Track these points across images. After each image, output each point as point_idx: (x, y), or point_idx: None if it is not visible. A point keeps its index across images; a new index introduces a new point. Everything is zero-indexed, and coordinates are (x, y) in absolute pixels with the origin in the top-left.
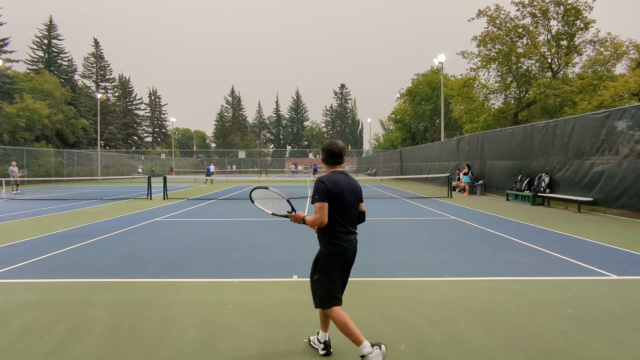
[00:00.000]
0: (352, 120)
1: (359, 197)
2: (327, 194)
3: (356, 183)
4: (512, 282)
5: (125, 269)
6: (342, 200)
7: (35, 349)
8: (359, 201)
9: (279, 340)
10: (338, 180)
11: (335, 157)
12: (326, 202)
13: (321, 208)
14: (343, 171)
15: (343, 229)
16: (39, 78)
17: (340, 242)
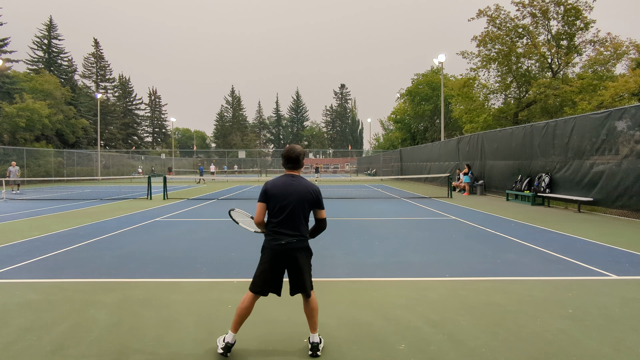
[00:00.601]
0: (352, 120)
1: (304, 202)
2: (264, 196)
3: (305, 188)
4: (512, 282)
5: (125, 269)
6: (276, 201)
7: (35, 349)
8: (307, 206)
9: (279, 340)
10: (279, 183)
11: (290, 162)
12: (261, 203)
13: (257, 207)
14: (295, 175)
15: (274, 229)
16: (39, 78)
17: (269, 239)
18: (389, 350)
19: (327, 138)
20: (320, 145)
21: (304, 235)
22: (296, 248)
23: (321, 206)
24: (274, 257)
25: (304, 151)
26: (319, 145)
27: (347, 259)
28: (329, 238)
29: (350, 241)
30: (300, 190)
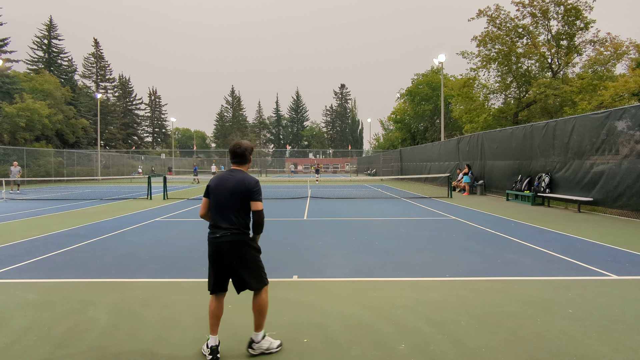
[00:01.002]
0: (352, 120)
1: (235, 194)
2: (206, 190)
3: (238, 180)
4: (512, 282)
5: (125, 269)
6: (214, 196)
7: (35, 349)
8: (239, 198)
9: (279, 340)
10: (219, 178)
11: (236, 157)
12: (204, 198)
13: (202, 202)
14: (235, 170)
15: (212, 223)
16: (39, 78)
17: (209, 233)
18: (389, 350)
19: (327, 138)
20: (320, 145)
21: (239, 228)
22: (230, 241)
23: (254, 198)
24: (212, 251)
25: (251, 147)
26: (319, 145)
27: (347, 259)
28: (329, 238)
29: (350, 241)
30: (233, 184)
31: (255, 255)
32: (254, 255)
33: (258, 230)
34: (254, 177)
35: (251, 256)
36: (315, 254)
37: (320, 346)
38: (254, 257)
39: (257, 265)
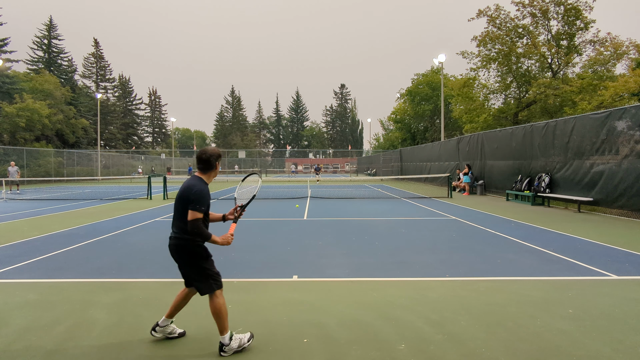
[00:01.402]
0: (352, 120)
1: (179, 200)
2: None
3: (184, 186)
4: (512, 282)
5: (125, 269)
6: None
7: (35, 349)
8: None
9: (279, 340)
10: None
11: (200, 163)
12: None
13: None
14: (195, 176)
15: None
16: (39, 78)
17: None
18: (389, 350)
19: (327, 138)
20: (320, 145)
21: (179, 233)
22: (172, 244)
23: (190, 206)
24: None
25: (217, 153)
26: (319, 145)
27: (347, 259)
28: (329, 238)
29: (350, 241)
30: (182, 189)
31: (195, 260)
32: (194, 260)
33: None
34: (199, 185)
35: (191, 261)
36: (315, 254)
37: (320, 346)
38: (194, 262)
39: (198, 270)
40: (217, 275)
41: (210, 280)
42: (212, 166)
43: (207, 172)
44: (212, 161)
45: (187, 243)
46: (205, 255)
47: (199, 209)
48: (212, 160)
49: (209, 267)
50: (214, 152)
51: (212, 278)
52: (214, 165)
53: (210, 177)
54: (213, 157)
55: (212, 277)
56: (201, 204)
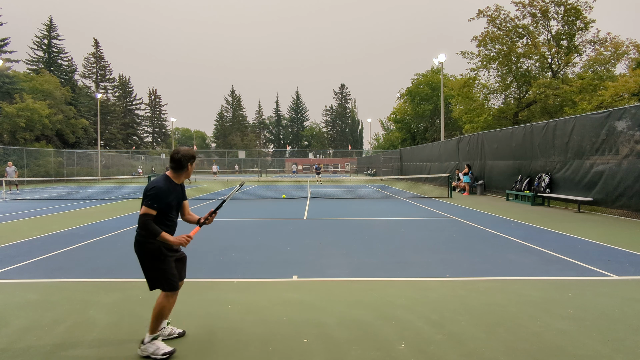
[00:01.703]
0: (352, 120)
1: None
2: None
3: (147, 185)
4: (512, 282)
5: (125, 269)
6: None
7: (35, 349)
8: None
9: (279, 340)
10: None
11: (172, 162)
12: None
13: None
14: (162, 175)
15: None
16: (39, 78)
17: None
18: (389, 350)
19: (327, 138)
20: (320, 145)
21: (138, 230)
22: (134, 241)
23: (143, 202)
24: None
25: (190, 154)
26: (319, 145)
27: (347, 259)
28: (329, 238)
29: (350, 241)
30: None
31: (145, 259)
32: (143, 259)
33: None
34: (160, 184)
35: (141, 258)
36: (315, 254)
37: (320, 346)
38: (142, 260)
39: (147, 268)
40: (172, 276)
41: (156, 278)
42: (183, 167)
43: (177, 172)
44: (183, 162)
45: (142, 240)
46: (161, 255)
47: (151, 206)
48: (184, 161)
49: (164, 268)
50: (186, 152)
51: (163, 278)
52: (185, 166)
53: (181, 177)
54: (185, 158)
55: (165, 277)
56: (154, 201)
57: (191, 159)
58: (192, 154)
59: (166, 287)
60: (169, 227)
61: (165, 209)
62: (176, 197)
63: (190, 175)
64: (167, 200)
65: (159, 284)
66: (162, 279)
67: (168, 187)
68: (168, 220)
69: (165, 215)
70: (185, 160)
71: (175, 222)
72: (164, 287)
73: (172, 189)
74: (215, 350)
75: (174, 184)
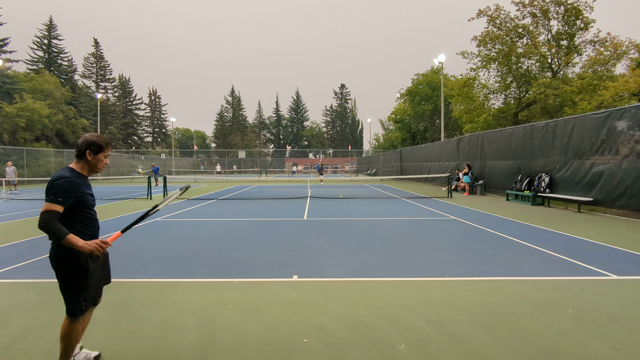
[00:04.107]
0: (352, 120)
1: None
2: None
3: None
4: (512, 282)
5: (125, 269)
6: None
7: (35, 349)
8: None
9: (279, 340)
10: None
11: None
12: None
13: None
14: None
15: None
16: (39, 78)
17: None
18: (389, 350)
19: (327, 138)
20: (320, 145)
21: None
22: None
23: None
24: None
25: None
26: (319, 145)
27: (347, 259)
28: (329, 238)
29: (350, 241)
30: None
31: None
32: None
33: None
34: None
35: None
36: (315, 254)
37: (320, 346)
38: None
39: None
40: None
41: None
42: (81, 155)
43: (79, 161)
44: (82, 149)
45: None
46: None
47: (54, 200)
48: (82, 148)
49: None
50: (88, 139)
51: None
52: (85, 155)
53: (84, 169)
54: (84, 145)
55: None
56: (59, 194)
57: (91, 146)
58: (96, 141)
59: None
60: (88, 227)
61: (76, 205)
62: (88, 189)
63: (97, 169)
64: (78, 194)
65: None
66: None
67: (76, 179)
68: (87, 220)
69: (78, 212)
70: (84, 147)
71: (96, 221)
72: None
73: (81, 182)
74: (215, 351)
75: (81, 176)
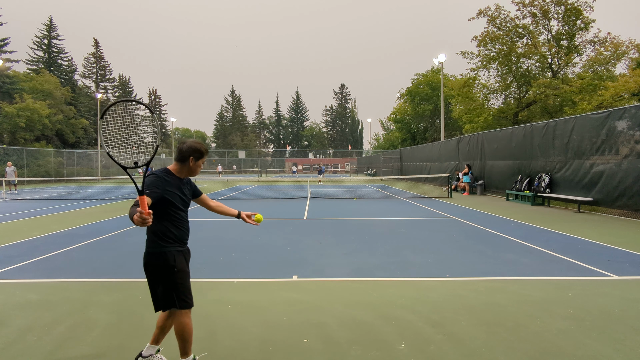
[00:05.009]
0: (352, 120)
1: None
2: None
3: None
4: (512, 282)
5: (125, 269)
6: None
7: (35, 349)
8: None
9: (279, 340)
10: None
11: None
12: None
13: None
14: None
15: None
16: (39, 78)
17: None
18: (389, 350)
19: (327, 138)
20: (320, 145)
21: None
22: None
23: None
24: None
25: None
26: (319, 145)
27: (347, 259)
28: (329, 238)
29: (350, 241)
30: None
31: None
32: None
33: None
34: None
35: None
36: (315, 254)
37: (320, 346)
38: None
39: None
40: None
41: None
42: (184, 159)
43: (179, 164)
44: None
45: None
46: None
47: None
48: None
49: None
50: (192, 145)
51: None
52: (187, 159)
53: (181, 171)
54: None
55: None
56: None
57: (194, 153)
58: (198, 148)
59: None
60: (178, 227)
61: (165, 203)
62: (179, 190)
63: (195, 173)
64: (164, 191)
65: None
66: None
67: (165, 178)
68: (176, 220)
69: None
70: (188, 153)
71: (185, 222)
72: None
73: (172, 181)
74: (215, 351)
75: (174, 177)
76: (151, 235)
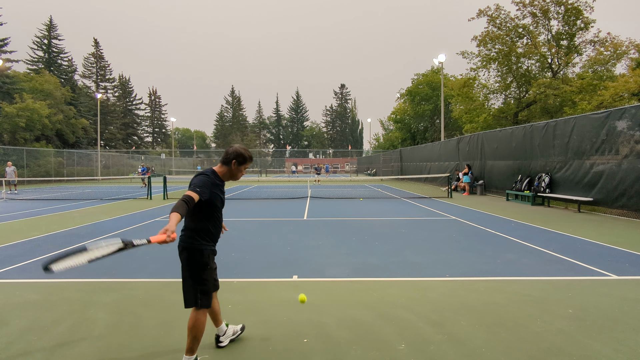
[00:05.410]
0: (352, 120)
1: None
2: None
3: None
4: (512, 282)
5: (125, 269)
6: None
7: (35, 349)
8: None
9: (279, 340)
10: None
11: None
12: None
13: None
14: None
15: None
16: (39, 78)
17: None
18: (389, 350)
19: (327, 138)
20: (320, 145)
21: (184, 230)
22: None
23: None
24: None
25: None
26: (319, 145)
27: (347, 259)
28: (329, 238)
29: (350, 241)
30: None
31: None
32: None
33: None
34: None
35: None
36: (315, 254)
37: (320, 346)
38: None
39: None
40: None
41: (198, 293)
42: (227, 162)
43: (223, 167)
44: (229, 157)
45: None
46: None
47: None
48: (230, 156)
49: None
50: (237, 149)
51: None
52: (229, 162)
53: (225, 174)
54: (232, 155)
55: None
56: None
57: (238, 157)
58: (242, 153)
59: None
60: (216, 226)
61: (210, 204)
62: (221, 192)
63: (236, 177)
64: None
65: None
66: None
67: (214, 180)
68: (217, 221)
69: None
70: (232, 156)
71: (220, 221)
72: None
73: (217, 184)
74: (215, 351)
75: (219, 179)
76: (190, 232)
